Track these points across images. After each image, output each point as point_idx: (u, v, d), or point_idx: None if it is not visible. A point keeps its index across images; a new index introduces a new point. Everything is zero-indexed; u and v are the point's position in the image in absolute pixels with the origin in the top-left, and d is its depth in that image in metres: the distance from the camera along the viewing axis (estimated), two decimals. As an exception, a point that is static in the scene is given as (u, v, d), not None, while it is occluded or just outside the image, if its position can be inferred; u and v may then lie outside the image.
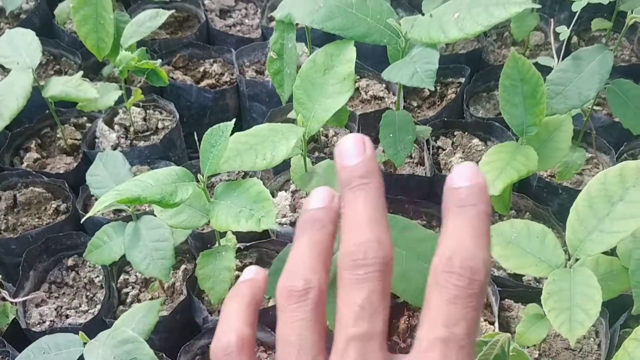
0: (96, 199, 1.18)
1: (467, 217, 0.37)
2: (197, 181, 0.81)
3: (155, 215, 0.89)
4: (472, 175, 0.39)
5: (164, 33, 1.57)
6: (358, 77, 1.41)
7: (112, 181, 0.92)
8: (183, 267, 1.05)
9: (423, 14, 1.01)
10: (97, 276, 1.07)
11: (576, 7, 1.01)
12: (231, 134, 0.83)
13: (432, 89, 0.85)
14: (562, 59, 1.02)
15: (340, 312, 0.37)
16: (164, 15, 1.14)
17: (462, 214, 0.38)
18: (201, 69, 1.47)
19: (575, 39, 1.52)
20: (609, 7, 1.21)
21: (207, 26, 1.57)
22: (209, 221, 0.85)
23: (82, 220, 0.80)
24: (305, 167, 1.00)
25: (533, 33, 1.50)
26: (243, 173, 1.23)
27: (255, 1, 1.67)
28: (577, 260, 0.77)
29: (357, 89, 1.40)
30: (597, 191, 0.75)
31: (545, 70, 0.93)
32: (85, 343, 0.78)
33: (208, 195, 0.84)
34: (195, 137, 0.87)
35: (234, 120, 0.83)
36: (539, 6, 0.91)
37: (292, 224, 1.10)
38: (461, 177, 0.39)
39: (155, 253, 0.87)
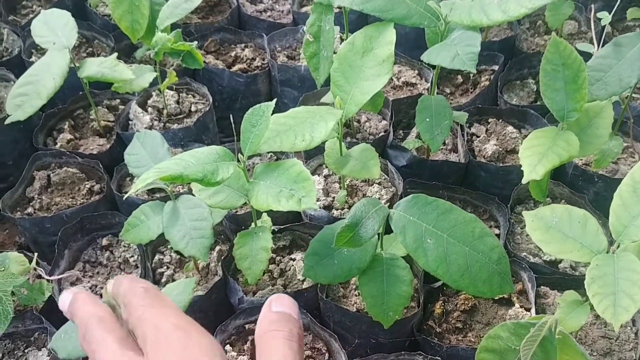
0: (131, 179, 1.19)
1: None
2: (237, 161, 0.81)
3: (193, 195, 0.90)
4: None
5: (196, 17, 1.57)
6: (390, 63, 1.40)
7: (150, 160, 0.92)
8: (218, 248, 1.05)
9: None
10: (132, 256, 1.08)
11: (619, -8, 1.00)
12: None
13: (474, 71, 0.85)
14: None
15: None
16: (199, -4, 1.14)
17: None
18: (233, 54, 1.47)
19: (609, 28, 1.50)
20: (646, -5, 1.20)
21: (238, 11, 1.57)
22: (246, 202, 0.85)
23: (125, 197, 0.80)
24: (340, 151, 0.99)
25: (567, 22, 1.48)
26: (275, 157, 1.23)
27: (286, -13, 1.66)
28: (619, 245, 0.76)
29: (388, 75, 1.39)
30: (643, 176, 0.75)
31: (583, 57, 0.92)
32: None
33: (247, 175, 0.84)
34: (232, 120, 0.86)
35: (274, 100, 0.83)
36: (584, -11, 0.89)
37: (326, 207, 1.10)
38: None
39: (194, 232, 0.88)
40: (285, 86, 1.39)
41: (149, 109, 1.28)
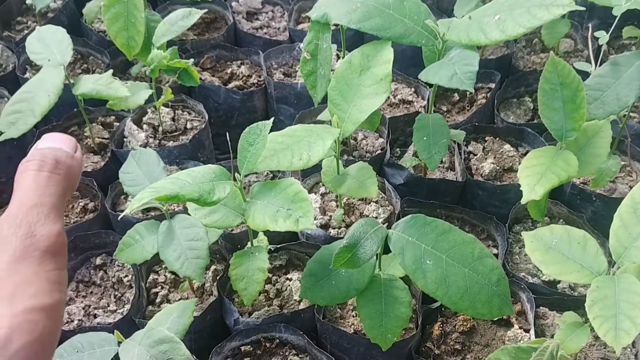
0: (126, 198, 1.18)
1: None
2: (234, 180, 0.80)
3: (189, 214, 0.89)
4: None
5: (192, 34, 1.56)
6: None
7: (145, 179, 0.91)
8: (213, 267, 1.04)
9: (454, 17, 1.00)
10: (126, 276, 1.06)
11: (617, 12, 1.00)
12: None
13: (472, 90, 0.84)
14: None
15: None
16: (196, 14, 1.14)
17: None
18: (229, 71, 1.46)
19: (605, 47, 1.51)
20: (640, 15, 1.20)
21: (235, 28, 1.57)
22: (242, 221, 0.84)
23: (119, 217, 0.79)
24: (337, 170, 0.99)
25: (563, 40, 1.48)
26: (272, 174, 1.22)
27: (282, 4, 1.66)
28: (619, 267, 0.75)
29: (385, 93, 1.39)
30: (643, 197, 0.74)
31: (580, 76, 0.91)
32: (120, 342, 0.77)
33: (244, 194, 0.83)
34: (227, 138, 0.86)
35: (272, 119, 0.82)
36: (582, 8, 0.89)
37: (323, 226, 1.09)
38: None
39: (190, 252, 0.86)
40: (281, 103, 1.38)
41: (144, 126, 1.27)
